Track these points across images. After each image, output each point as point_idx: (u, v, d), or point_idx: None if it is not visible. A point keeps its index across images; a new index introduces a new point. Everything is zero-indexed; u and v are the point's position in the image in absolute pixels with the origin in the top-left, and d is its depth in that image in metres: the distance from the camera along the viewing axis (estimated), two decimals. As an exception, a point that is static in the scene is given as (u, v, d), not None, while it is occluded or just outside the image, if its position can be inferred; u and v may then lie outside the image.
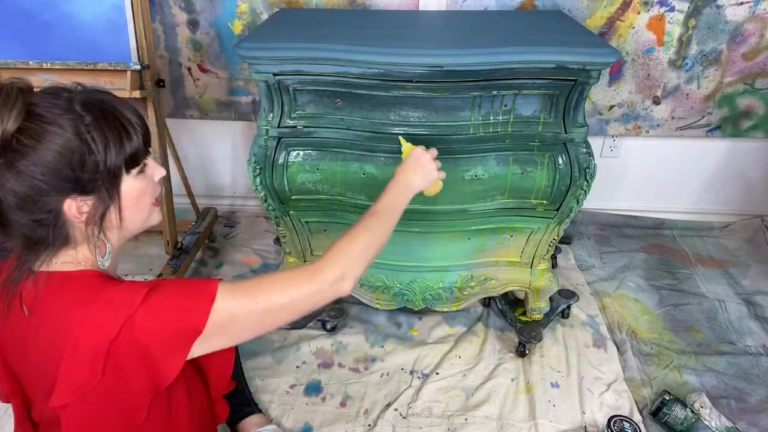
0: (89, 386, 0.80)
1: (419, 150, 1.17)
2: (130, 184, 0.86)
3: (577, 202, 1.43)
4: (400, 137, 1.24)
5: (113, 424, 0.87)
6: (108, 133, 0.81)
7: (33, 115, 0.77)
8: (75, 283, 0.85)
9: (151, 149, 0.90)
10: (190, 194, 2.04)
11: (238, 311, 0.85)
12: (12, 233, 0.83)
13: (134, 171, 0.87)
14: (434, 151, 1.18)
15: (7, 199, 0.79)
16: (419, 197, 1.17)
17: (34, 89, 0.80)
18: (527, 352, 1.64)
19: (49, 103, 0.79)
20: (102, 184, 0.83)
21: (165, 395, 0.92)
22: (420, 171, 1.14)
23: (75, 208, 0.82)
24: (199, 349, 0.85)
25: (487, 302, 1.83)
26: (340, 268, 0.93)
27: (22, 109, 0.76)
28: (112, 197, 0.85)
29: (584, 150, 1.38)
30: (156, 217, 0.95)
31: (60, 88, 0.82)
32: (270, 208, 1.49)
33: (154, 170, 0.91)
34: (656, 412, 1.44)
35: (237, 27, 1.96)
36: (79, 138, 0.79)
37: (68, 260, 0.87)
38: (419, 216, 1.45)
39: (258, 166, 1.41)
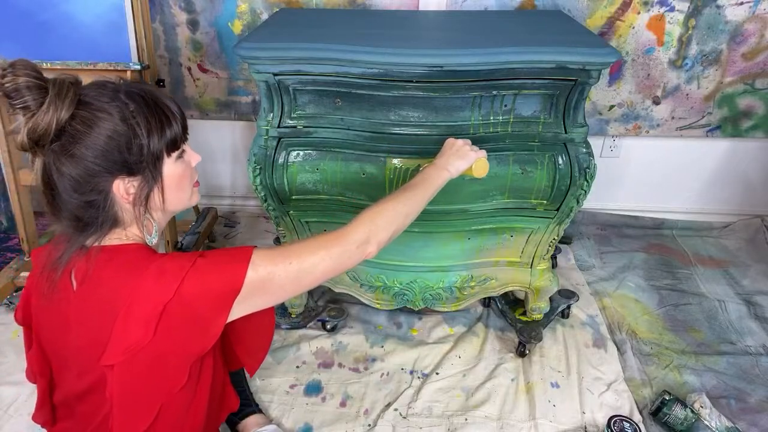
0: (140, 345, 0.87)
1: (451, 138, 1.22)
2: (171, 167, 0.95)
3: (577, 202, 1.43)
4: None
5: (155, 386, 0.94)
6: (150, 119, 0.89)
7: (83, 104, 0.86)
8: (127, 253, 0.93)
9: (188, 136, 0.98)
10: (190, 194, 2.04)
11: (274, 271, 0.92)
12: (63, 215, 0.92)
13: (174, 155, 0.95)
14: (467, 140, 1.22)
15: (62, 182, 0.88)
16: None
17: (82, 82, 0.89)
18: (527, 352, 1.64)
19: (96, 92, 0.87)
20: (146, 166, 0.91)
21: (196, 368, 0.98)
22: (455, 153, 1.18)
23: (123, 188, 0.90)
24: (240, 309, 0.92)
25: (487, 302, 1.83)
26: (365, 233, 1.00)
27: (73, 98, 0.85)
28: (156, 178, 0.93)
29: (584, 150, 1.38)
30: (196, 197, 1.04)
31: (105, 80, 0.91)
32: (270, 208, 1.49)
33: (191, 156, 1.00)
34: (656, 412, 1.44)
35: (237, 27, 1.96)
36: (125, 123, 0.87)
37: (119, 237, 0.95)
38: (419, 216, 1.44)
39: (258, 166, 1.41)
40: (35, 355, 1.04)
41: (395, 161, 1.38)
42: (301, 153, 1.41)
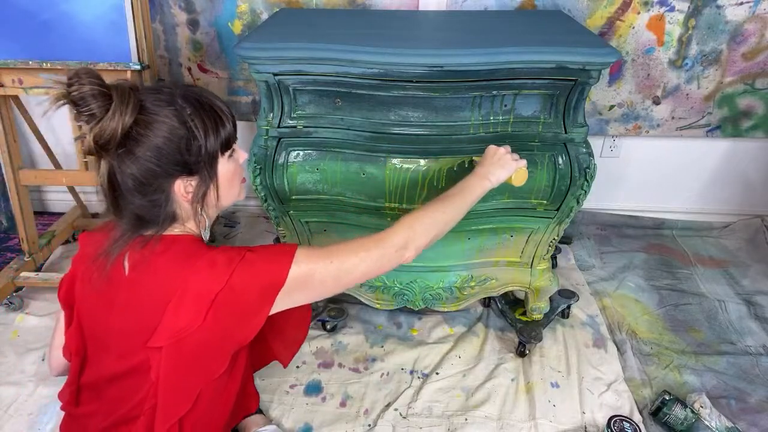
0: (190, 330, 0.92)
1: (493, 146, 1.24)
2: (224, 165, 1.00)
3: (577, 202, 1.43)
4: (473, 158, 1.30)
5: (198, 370, 0.99)
6: (207, 120, 0.94)
7: (144, 109, 0.90)
8: (181, 244, 0.98)
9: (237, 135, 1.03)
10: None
11: (315, 268, 0.98)
12: (125, 215, 0.97)
13: (227, 154, 1.00)
14: (507, 147, 1.24)
15: (126, 182, 0.92)
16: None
17: (140, 87, 0.94)
18: (527, 352, 1.64)
19: (154, 97, 0.92)
20: (204, 166, 0.96)
21: (232, 360, 1.04)
22: (496, 162, 1.20)
23: (183, 188, 0.96)
24: (282, 302, 0.98)
25: (487, 302, 1.83)
26: (403, 238, 1.04)
27: (135, 104, 0.89)
28: (212, 177, 0.98)
29: (584, 150, 1.38)
30: (243, 193, 1.09)
31: (161, 85, 0.96)
32: (270, 208, 1.50)
33: (240, 154, 1.05)
34: (656, 412, 1.44)
35: (237, 27, 1.96)
36: (183, 126, 0.92)
37: (178, 231, 1.00)
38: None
39: (258, 166, 1.41)
40: (73, 335, 1.08)
41: (395, 161, 1.38)
42: (301, 153, 1.41)
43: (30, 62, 1.59)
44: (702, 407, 1.43)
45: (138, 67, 1.59)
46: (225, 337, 0.97)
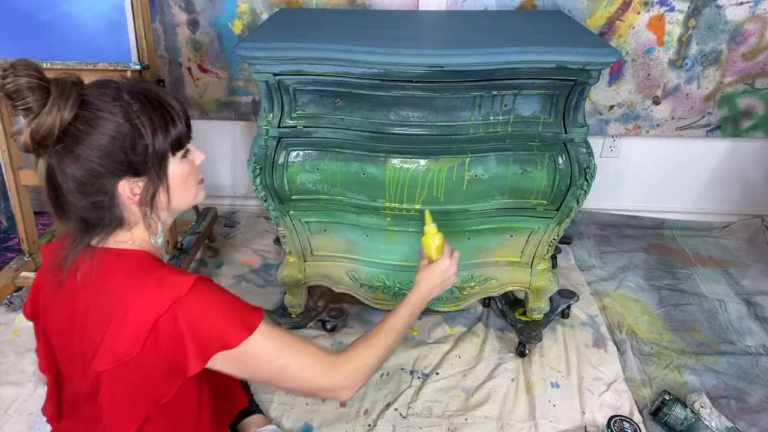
0: (128, 357, 0.86)
1: (446, 263, 1.19)
2: (176, 166, 0.93)
3: (577, 202, 1.43)
4: (426, 212, 1.22)
5: (143, 396, 0.92)
6: (155, 118, 0.87)
7: (86, 104, 0.84)
8: (130, 259, 0.92)
9: (192, 135, 0.96)
10: (190, 194, 2.04)
11: (262, 354, 0.92)
12: (69, 217, 0.90)
13: (179, 154, 0.93)
14: (457, 254, 1.21)
15: (67, 183, 0.86)
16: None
17: (84, 82, 0.87)
18: (527, 352, 1.64)
19: (99, 92, 0.86)
20: (151, 167, 0.89)
21: (195, 380, 0.96)
22: (441, 283, 1.18)
23: (128, 189, 0.89)
24: (216, 363, 0.90)
25: (487, 302, 1.83)
26: (348, 382, 1.00)
27: (76, 98, 0.83)
28: (161, 178, 0.91)
29: (584, 150, 1.38)
30: (202, 194, 1.02)
31: (107, 80, 0.89)
32: (270, 208, 1.49)
33: (196, 155, 0.98)
34: (656, 412, 1.44)
35: (237, 27, 1.96)
36: (129, 123, 0.85)
37: (124, 239, 0.94)
38: (419, 216, 1.45)
39: (258, 166, 1.41)
40: (42, 349, 1.05)
41: (395, 161, 1.38)
42: (301, 153, 1.41)
43: (30, 62, 1.59)
44: (702, 407, 1.43)
45: (138, 67, 1.59)
46: (167, 365, 0.89)
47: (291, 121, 1.37)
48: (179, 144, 0.92)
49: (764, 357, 1.65)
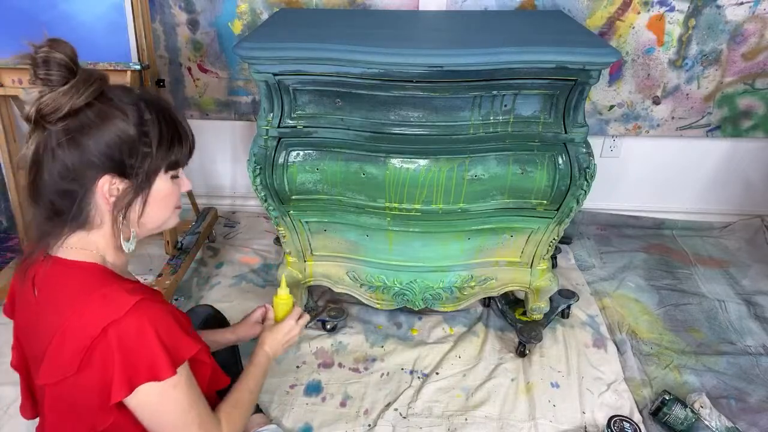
0: (65, 376, 0.85)
1: (290, 323, 1.20)
2: (162, 183, 0.92)
3: (577, 202, 1.43)
4: (283, 276, 1.26)
5: (81, 419, 0.90)
6: (164, 132, 0.89)
7: (105, 98, 0.86)
8: (80, 272, 0.89)
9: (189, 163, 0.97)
10: (190, 194, 2.04)
11: (168, 397, 0.88)
12: (40, 202, 0.89)
13: (169, 174, 0.93)
14: (305, 319, 1.23)
15: (52, 165, 0.85)
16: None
17: (109, 81, 0.89)
18: (527, 352, 1.64)
19: (120, 93, 0.88)
20: (140, 174, 0.89)
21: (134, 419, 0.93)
22: (285, 344, 1.20)
23: (107, 187, 0.87)
24: (139, 395, 0.85)
25: (487, 302, 1.83)
26: None
27: (96, 90, 0.84)
28: (143, 188, 0.90)
29: (584, 150, 1.38)
30: (174, 220, 1.00)
31: (133, 87, 0.93)
32: (270, 208, 1.49)
33: (183, 182, 0.98)
34: (656, 412, 1.44)
35: (237, 27, 1.96)
36: (138, 129, 0.86)
37: (80, 246, 0.90)
38: (419, 216, 1.45)
39: (258, 166, 1.41)
40: (15, 348, 1.04)
41: (395, 161, 1.38)
42: (301, 153, 1.41)
43: (30, 62, 1.59)
44: (702, 407, 1.43)
45: (138, 67, 1.59)
46: (103, 391, 0.85)
47: (291, 121, 1.37)
48: (176, 165, 0.93)
49: (764, 357, 1.65)
